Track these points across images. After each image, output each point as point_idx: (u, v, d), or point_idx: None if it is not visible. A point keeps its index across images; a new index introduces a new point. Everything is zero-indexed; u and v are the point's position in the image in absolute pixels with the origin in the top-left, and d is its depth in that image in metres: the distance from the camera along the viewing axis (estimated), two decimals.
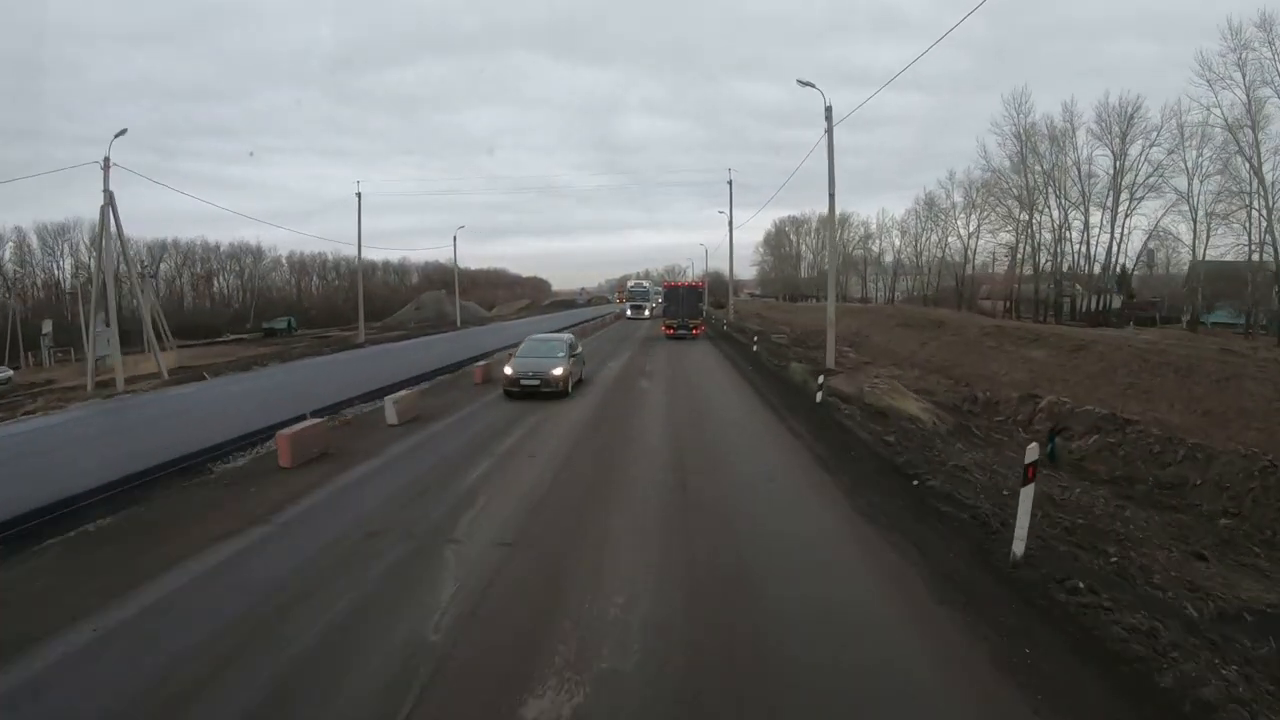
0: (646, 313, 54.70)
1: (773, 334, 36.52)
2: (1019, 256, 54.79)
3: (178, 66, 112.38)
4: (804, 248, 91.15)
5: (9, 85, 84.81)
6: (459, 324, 56.90)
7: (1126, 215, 47.71)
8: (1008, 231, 55.97)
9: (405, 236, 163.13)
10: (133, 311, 42.94)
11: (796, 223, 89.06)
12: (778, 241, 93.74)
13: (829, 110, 17.70)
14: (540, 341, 17.27)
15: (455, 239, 56.81)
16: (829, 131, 17.72)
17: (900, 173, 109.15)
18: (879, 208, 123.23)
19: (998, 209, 56.35)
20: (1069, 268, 50.89)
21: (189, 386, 22.48)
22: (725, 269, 78.70)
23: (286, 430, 9.64)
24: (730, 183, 47.65)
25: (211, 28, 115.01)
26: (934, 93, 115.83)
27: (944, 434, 17.24)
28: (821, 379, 14.24)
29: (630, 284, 61.48)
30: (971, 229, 63.08)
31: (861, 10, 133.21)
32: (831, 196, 17.66)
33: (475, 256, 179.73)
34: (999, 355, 27.73)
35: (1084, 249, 49.99)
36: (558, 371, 15.29)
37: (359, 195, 45.00)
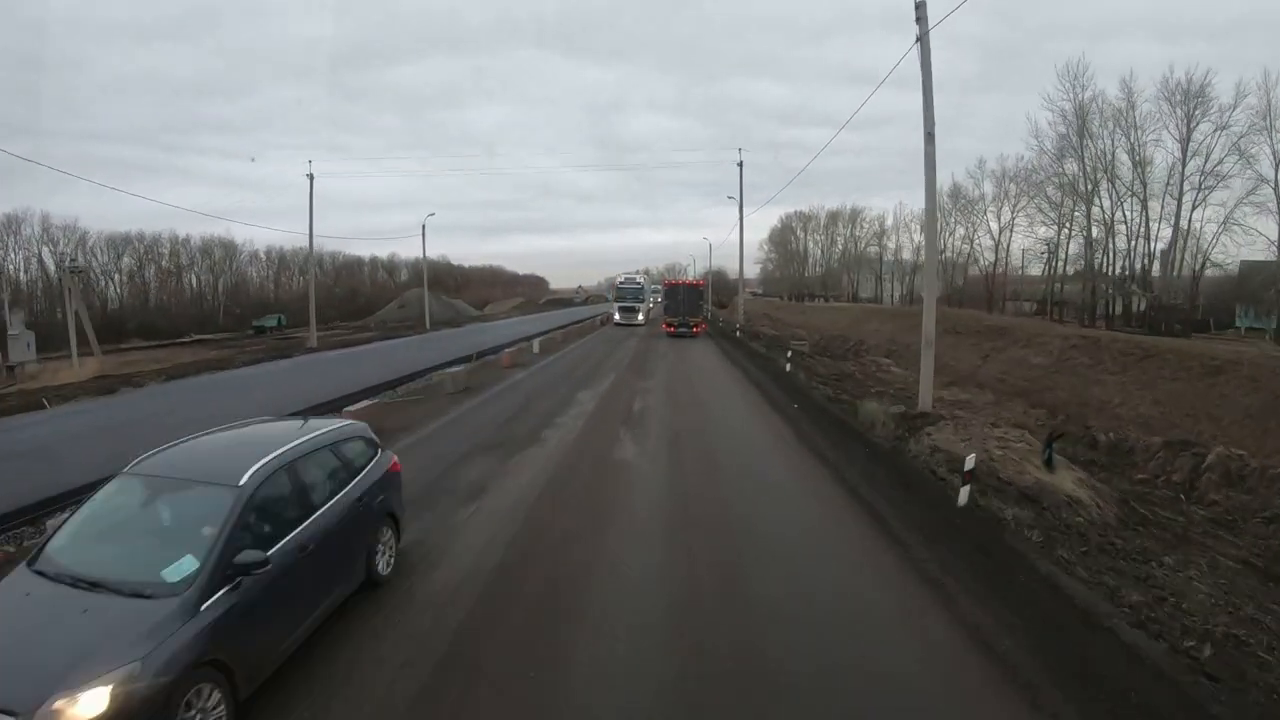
0: (640, 317, 43.03)
1: (791, 340, 30.22)
2: (1065, 253, 48.19)
3: (182, 63, 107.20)
4: (812, 244, 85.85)
5: (10, 82, 78.76)
6: (429, 325, 49.79)
7: (1194, 206, 41.16)
8: (1047, 225, 49.38)
9: (404, 234, 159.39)
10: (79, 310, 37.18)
11: (804, 218, 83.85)
12: (783, 239, 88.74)
13: (921, 5, 11.10)
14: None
15: (424, 227, 49.13)
16: (921, 39, 11.06)
17: (902, 173, 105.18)
18: (896, 201, 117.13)
19: (1036, 199, 49.85)
20: (1124, 268, 44.31)
21: (12, 421, 16.32)
22: (726, 267, 72.49)
23: None
24: (740, 164, 40.29)
25: (214, 25, 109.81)
26: (937, 94, 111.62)
27: (1114, 524, 10.90)
28: (969, 462, 7.32)
29: (620, 279, 46.23)
30: (1004, 222, 56.69)
31: (868, 9, 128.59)
32: (929, 136, 10.92)
33: (474, 254, 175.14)
34: (1101, 376, 21.11)
35: (1142, 245, 43.47)
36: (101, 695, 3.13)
37: (310, 177, 39.25)
